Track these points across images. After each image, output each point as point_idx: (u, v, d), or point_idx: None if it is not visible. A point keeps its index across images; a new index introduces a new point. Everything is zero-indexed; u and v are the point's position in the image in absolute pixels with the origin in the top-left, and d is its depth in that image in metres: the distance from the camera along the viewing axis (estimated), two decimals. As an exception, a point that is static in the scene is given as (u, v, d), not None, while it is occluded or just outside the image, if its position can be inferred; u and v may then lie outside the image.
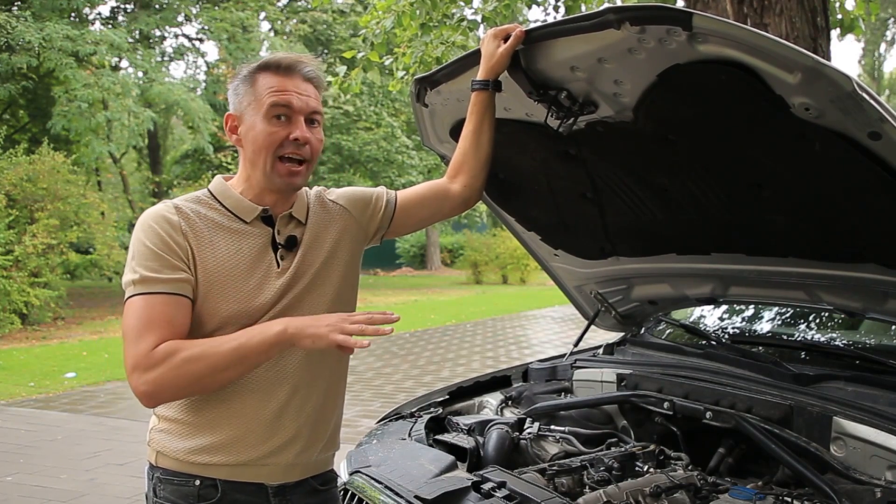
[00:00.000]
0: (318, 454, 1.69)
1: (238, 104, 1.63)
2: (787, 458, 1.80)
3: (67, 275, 15.15)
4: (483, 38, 1.93)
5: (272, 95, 1.59)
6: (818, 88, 1.48)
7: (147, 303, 1.49)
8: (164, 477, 1.60)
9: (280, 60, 1.62)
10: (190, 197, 1.65)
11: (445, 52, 5.73)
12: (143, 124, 16.76)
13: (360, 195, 1.85)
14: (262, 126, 1.59)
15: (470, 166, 1.96)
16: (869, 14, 5.85)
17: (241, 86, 1.63)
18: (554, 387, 2.58)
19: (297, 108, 1.60)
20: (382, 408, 6.44)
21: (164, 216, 1.56)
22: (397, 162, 23.42)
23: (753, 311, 2.72)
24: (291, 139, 1.59)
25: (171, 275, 1.51)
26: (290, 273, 1.63)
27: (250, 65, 1.65)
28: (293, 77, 1.62)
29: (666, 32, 1.57)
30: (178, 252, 1.53)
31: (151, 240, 1.53)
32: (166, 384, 1.45)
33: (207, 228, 1.58)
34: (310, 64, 1.65)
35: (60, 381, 8.42)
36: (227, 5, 20.59)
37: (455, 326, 13.34)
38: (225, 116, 1.67)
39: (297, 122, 1.60)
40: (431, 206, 1.94)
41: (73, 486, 4.75)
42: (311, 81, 1.64)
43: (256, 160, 1.61)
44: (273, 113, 1.59)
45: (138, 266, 1.51)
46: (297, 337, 1.46)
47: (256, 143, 1.60)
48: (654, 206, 2.20)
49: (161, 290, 1.50)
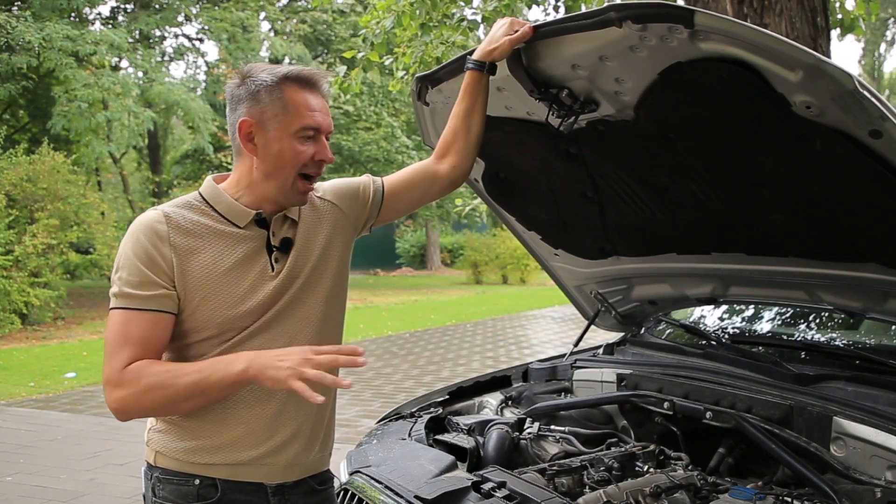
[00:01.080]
0: (317, 453, 1.69)
1: (259, 113, 1.57)
2: (787, 458, 1.80)
3: (67, 275, 15.14)
4: (498, 21, 1.90)
5: (305, 116, 1.57)
6: (819, 86, 1.48)
7: (125, 318, 1.50)
8: (164, 477, 1.60)
9: (309, 76, 1.60)
10: (181, 202, 1.62)
11: (445, 52, 5.72)
12: (143, 124, 16.74)
13: (346, 187, 1.83)
14: (289, 143, 1.57)
15: (460, 147, 1.93)
16: (869, 14, 5.85)
17: (264, 93, 1.56)
18: (554, 387, 2.58)
19: (325, 128, 1.61)
20: (382, 408, 6.43)
21: (152, 227, 1.55)
22: (397, 162, 23.40)
23: (753, 311, 2.72)
24: (317, 160, 1.60)
25: (151, 291, 1.51)
26: (284, 275, 1.62)
27: (272, 71, 1.59)
28: (316, 93, 1.61)
29: (667, 30, 1.57)
30: (161, 266, 1.53)
31: (136, 253, 1.53)
32: (132, 407, 1.48)
33: (199, 235, 1.57)
34: (328, 79, 1.66)
35: (60, 381, 8.41)
36: (227, 5, 20.59)
37: (455, 326, 13.34)
38: (239, 122, 1.58)
39: (321, 143, 1.61)
40: (419, 190, 1.92)
41: (73, 486, 4.74)
42: (325, 97, 1.64)
43: (276, 175, 1.59)
44: (304, 134, 1.58)
45: (120, 280, 1.53)
46: (257, 379, 1.45)
47: (282, 160, 1.58)
48: (654, 205, 2.20)
49: (139, 306, 1.50)
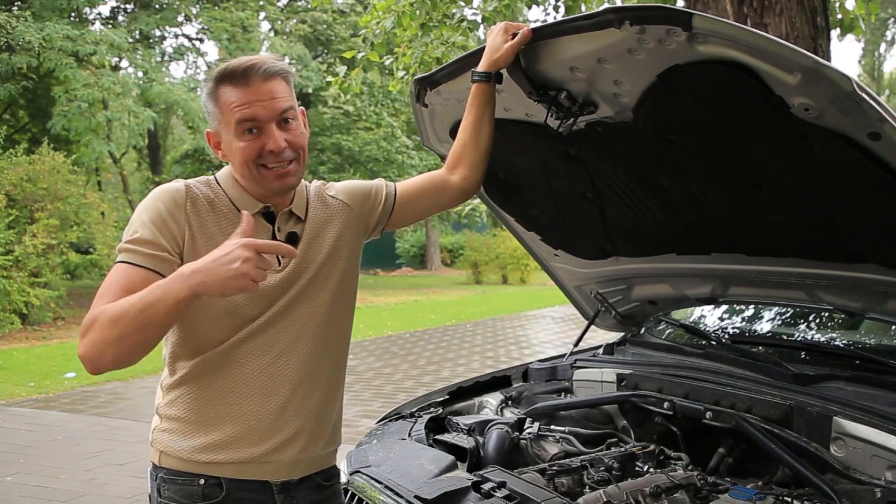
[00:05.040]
0: (322, 450, 1.70)
1: (212, 121, 1.62)
2: (787, 458, 1.80)
3: (67, 275, 15.14)
4: (491, 29, 1.92)
5: (236, 111, 1.55)
6: (818, 89, 1.48)
7: (119, 271, 1.50)
8: (169, 477, 1.60)
9: (235, 69, 1.55)
10: (201, 179, 1.66)
11: (446, 52, 5.73)
12: (143, 124, 16.74)
13: (359, 189, 1.85)
14: (236, 143, 1.57)
15: (469, 158, 1.95)
16: (869, 14, 5.85)
17: (208, 103, 1.60)
18: (554, 387, 2.58)
19: (265, 117, 1.55)
20: (382, 408, 6.44)
21: (171, 194, 1.58)
22: (397, 162, 23.40)
23: (753, 311, 2.72)
24: (268, 151, 1.57)
25: (153, 251, 1.51)
26: (290, 270, 1.63)
27: (211, 76, 1.60)
28: (252, 83, 1.54)
29: (666, 33, 1.57)
30: (173, 231, 1.53)
31: (151, 214, 1.55)
32: (94, 351, 1.39)
33: (214, 212, 1.60)
34: (265, 62, 1.56)
35: (60, 381, 8.41)
36: (227, 5, 20.59)
37: (455, 326, 13.34)
38: (206, 135, 1.65)
39: (268, 132, 1.56)
40: (431, 198, 1.94)
41: (73, 486, 4.75)
42: (272, 78, 1.56)
43: (244, 173, 1.61)
44: (242, 129, 1.56)
45: (127, 236, 1.53)
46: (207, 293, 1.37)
47: (235, 160, 1.60)
48: (654, 206, 2.20)
49: (136, 261, 1.50)
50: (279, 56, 1.68)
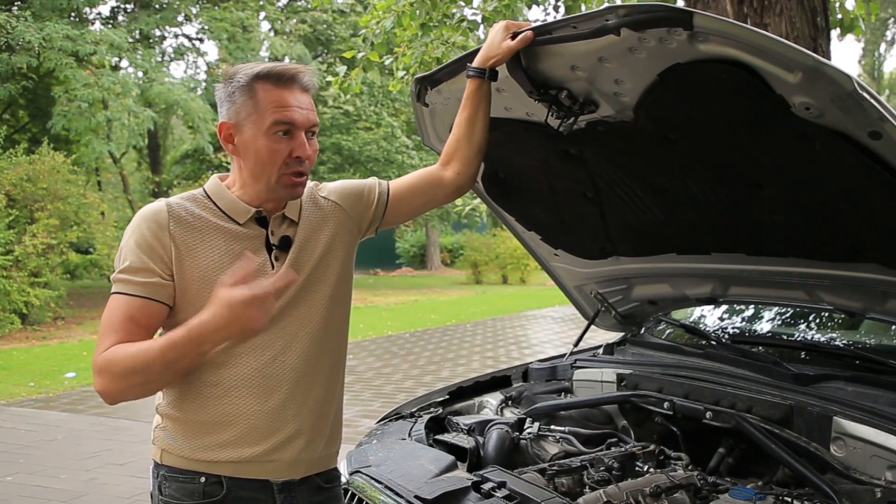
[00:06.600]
0: (322, 450, 1.69)
1: (235, 113, 1.60)
2: (787, 458, 1.80)
3: (67, 275, 15.12)
4: (494, 25, 1.90)
5: (275, 112, 1.57)
6: (819, 88, 1.48)
7: (117, 302, 1.54)
8: (169, 475, 1.61)
9: (281, 72, 1.59)
10: (185, 196, 1.65)
11: (446, 52, 5.73)
12: (143, 124, 16.74)
13: (351, 189, 1.84)
14: (263, 142, 1.58)
15: (463, 154, 1.94)
16: (869, 14, 5.85)
17: (238, 94, 1.59)
18: (554, 387, 2.58)
19: (300, 124, 1.59)
20: (382, 408, 6.44)
21: (153, 217, 1.59)
22: (397, 162, 23.41)
23: (753, 311, 2.72)
24: (294, 157, 1.59)
25: (146, 278, 1.54)
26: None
27: (247, 71, 1.60)
28: (293, 89, 1.59)
29: (666, 32, 1.57)
30: (160, 254, 1.55)
31: (137, 240, 1.57)
32: (114, 391, 1.49)
33: (199, 228, 1.59)
34: (308, 73, 1.63)
35: (60, 381, 8.41)
36: (227, 5, 20.59)
37: (455, 326, 13.34)
38: (219, 124, 1.63)
39: (299, 139, 1.59)
40: (425, 195, 1.93)
41: (73, 486, 4.75)
42: (307, 92, 1.62)
43: (259, 174, 1.61)
44: (276, 130, 1.57)
45: (119, 265, 1.57)
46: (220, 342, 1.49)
47: (259, 159, 1.59)
48: (654, 206, 2.20)
49: (132, 291, 1.53)
50: (315, 70, 1.69)
